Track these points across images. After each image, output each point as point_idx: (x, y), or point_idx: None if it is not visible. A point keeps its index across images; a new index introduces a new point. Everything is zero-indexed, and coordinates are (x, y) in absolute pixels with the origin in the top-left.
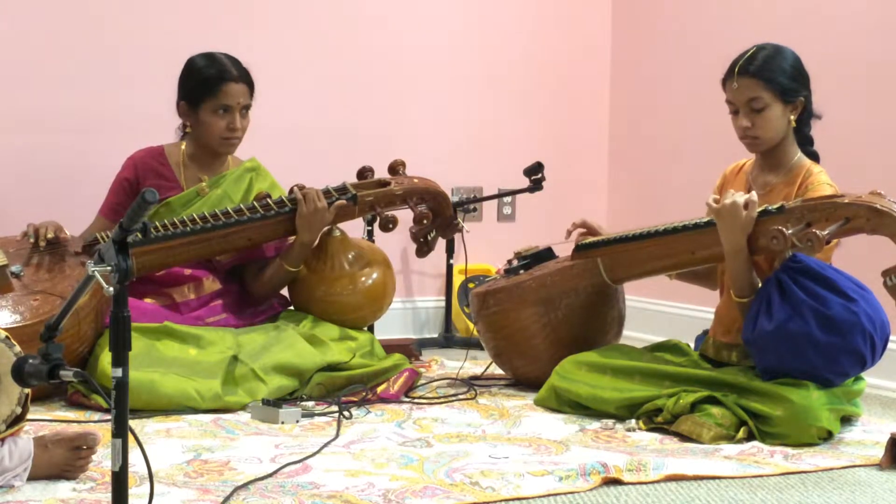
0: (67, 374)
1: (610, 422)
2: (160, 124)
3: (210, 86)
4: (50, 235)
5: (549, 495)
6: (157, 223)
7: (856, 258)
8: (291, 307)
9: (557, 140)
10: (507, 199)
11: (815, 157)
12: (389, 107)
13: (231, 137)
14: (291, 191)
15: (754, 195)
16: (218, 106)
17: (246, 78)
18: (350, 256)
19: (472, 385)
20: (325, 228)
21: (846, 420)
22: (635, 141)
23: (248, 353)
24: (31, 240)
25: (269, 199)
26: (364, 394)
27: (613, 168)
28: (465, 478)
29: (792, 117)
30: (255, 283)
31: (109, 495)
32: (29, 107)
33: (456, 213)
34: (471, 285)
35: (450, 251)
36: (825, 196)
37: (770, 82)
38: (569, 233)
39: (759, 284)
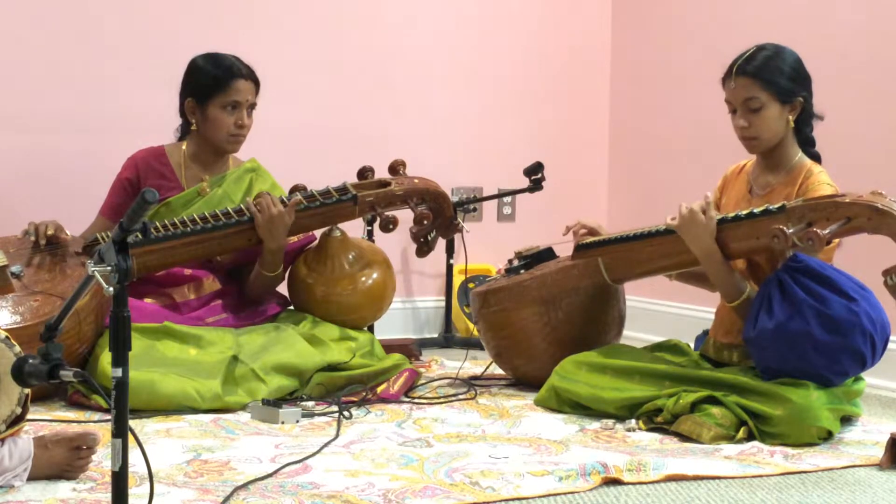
0: (67, 374)
1: (610, 422)
2: (160, 124)
3: (220, 82)
4: (50, 233)
5: (549, 495)
6: (157, 223)
7: (856, 258)
8: (291, 307)
9: (557, 140)
10: (507, 199)
11: (817, 157)
12: (390, 107)
13: (238, 135)
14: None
15: (709, 195)
16: (227, 102)
17: (253, 76)
18: (350, 257)
19: (472, 385)
20: (326, 229)
21: (846, 420)
22: (635, 141)
23: (248, 353)
24: (32, 237)
25: None
26: (364, 394)
27: (613, 168)
28: (465, 478)
29: (790, 118)
30: (246, 284)
31: (109, 495)
32: (29, 107)
33: (456, 214)
34: (471, 285)
35: (450, 251)
36: (826, 195)
37: (767, 82)
38: (567, 229)
39: (746, 286)
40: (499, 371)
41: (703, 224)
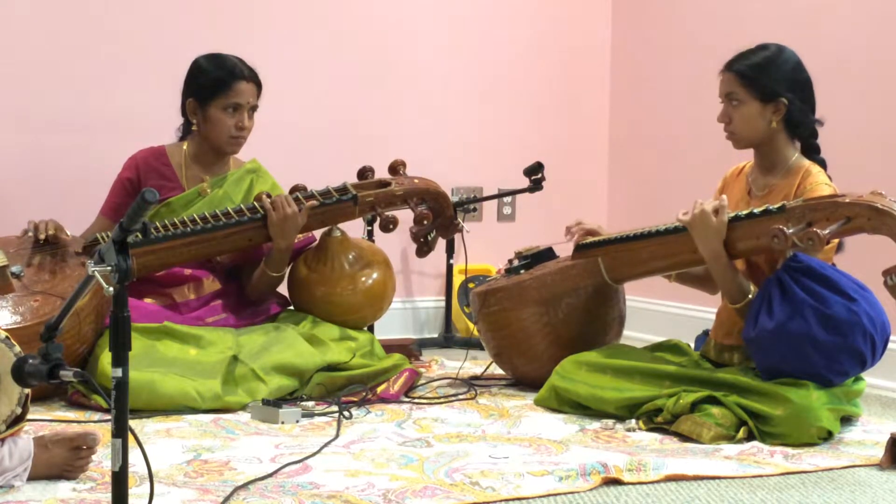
0: (67, 374)
1: (610, 422)
2: (161, 124)
3: (221, 84)
4: (50, 232)
5: (549, 495)
6: (157, 223)
7: (856, 258)
8: (291, 307)
9: (557, 140)
10: (507, 199)
11: (822, 164)
12: (390, 107)
13: (238, 137)
14: (258, 198)
15: (724, 199)
16: (228, 104)
17: (255, 78)
18: (350, 257)
19: (472, 385)
20: (326, 229)
21: (846, 420)
22: (635, 141)
23: (248, 353)
24: (32, 235)
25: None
26: (364, 394)
27: (613, 168)
28: (465, 478)
29: (774, 118)
30: (247, 284)
31: (109, 495)
32: (29, 107)
33: (456, 213)
34: (471, 285)
35: (450, 251)
36: (826, 195)
37: (746, 79)
38: (568, 229)
39: (750, 288)
40: (499, 371)
41: (714, 226)
